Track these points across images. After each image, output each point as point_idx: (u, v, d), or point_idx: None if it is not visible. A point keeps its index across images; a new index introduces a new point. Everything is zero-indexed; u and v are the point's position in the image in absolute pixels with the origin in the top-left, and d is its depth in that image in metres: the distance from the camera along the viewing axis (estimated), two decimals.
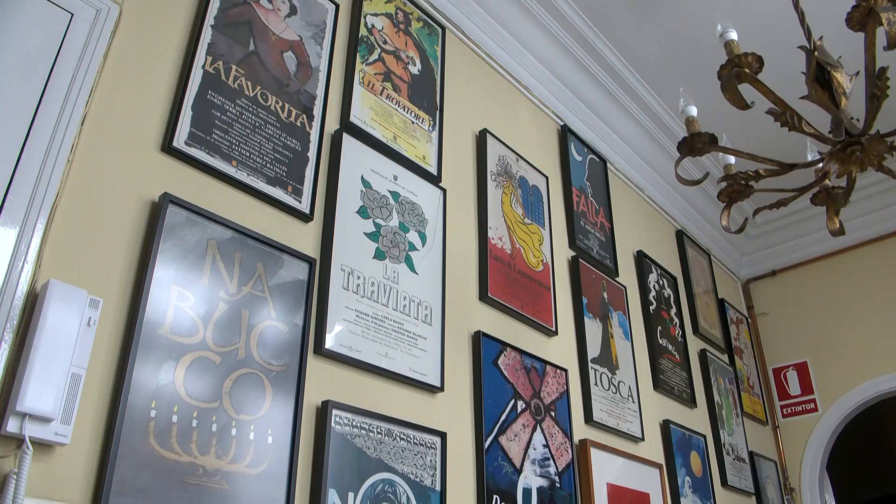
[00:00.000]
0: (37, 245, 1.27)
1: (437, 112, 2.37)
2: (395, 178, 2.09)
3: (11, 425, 1.13)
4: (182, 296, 1.44)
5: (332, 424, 1.61)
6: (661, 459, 2.97)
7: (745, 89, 1.77)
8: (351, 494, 1.59)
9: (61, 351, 1.20)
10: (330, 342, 1.69)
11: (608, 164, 3.44)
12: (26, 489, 1.11)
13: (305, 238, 1.78)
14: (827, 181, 2.15)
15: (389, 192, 2.05)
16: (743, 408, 4.07)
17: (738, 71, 1.76)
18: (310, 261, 1.72)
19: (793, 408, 4.50)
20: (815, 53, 1.83)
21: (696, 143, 1.96)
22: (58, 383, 1.18)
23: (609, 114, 3.46)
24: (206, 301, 1.48)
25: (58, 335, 1.20)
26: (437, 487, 1.81)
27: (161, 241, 1.44)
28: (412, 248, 2.05)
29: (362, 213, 1.93)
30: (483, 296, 2.27)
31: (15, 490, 1.09)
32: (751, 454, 3.94)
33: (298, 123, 1.85)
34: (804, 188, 2.13)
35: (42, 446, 1.17)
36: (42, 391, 1.16)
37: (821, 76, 1.84)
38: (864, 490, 6.59)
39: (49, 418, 1.16)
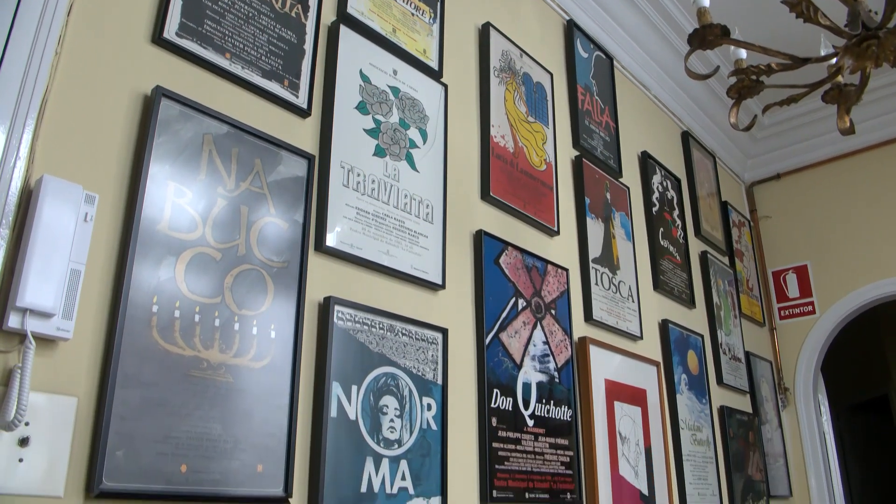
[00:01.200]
0: (28, 140, 1.24)
1: (438, 3, 2.27)
2: (395, 72, 2.02)
3: (13, 321, 1.13)
4: (179, 191, 1.42)
5: (335, 320, 1.62)
6: (658, 357, 3.03)
7: None
8: (354, 387, 1.62)
9: (59, 246, 1.19)
10: (331, 239, 1.69)
11: (615, 62, 3.34)
12: (31, 383, 1.13)
13: (303, 134, 1.75)
14: (840, 77, 2.08)
15: (389, 87, 1.99)
16: (741, 309, 4.11)
17: None
18: (308, 157, 1.69)
19: (790, 310, 4.55)
20: None
21: (707, 34, 1.89)
22: (57, 279, 1.18)
23: (616, 8, 3.32)
24: (204, 197, 1.46)
25: (55, 231, 1.19)
26: (439, 381, 1.85)
27: (155, 136, 1.40)
28: (413, 145, 2.01)
29: (361, 108, 1.88)
30: (485, 195, 2.25)
31: (20, 384, 1.10)
32: (747, 354, 4.01)
33: (293, 14, 1.77)
34: (816, 84, 2.07)
35: (45, 341, 1.18)
36: (42, 287, 1.15)
37: None
38: (856, 392, 6.78)
39: (50, 313, 1.16)
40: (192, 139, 1.47)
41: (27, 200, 1.22)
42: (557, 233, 2.53)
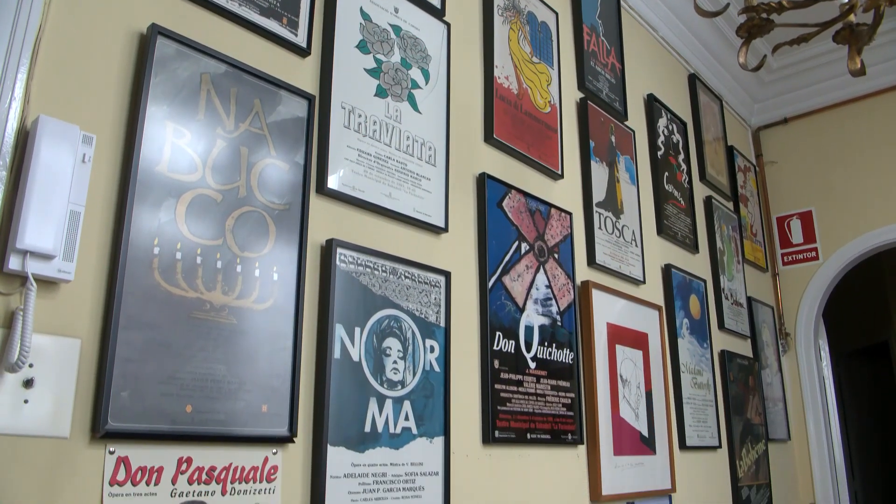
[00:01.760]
0: (23, 81, 1.21)
1: None
2: (396, 10, 1.97)
3: (13, 263, 1.12)
4: (178, 132, 1.39)
5: (337, 262, 1.61)
6: (660, 302, 3.04)
7: None
8: (357, 329, 1.63)
9: (57, 188, 1.18)
10: (332, 182, 1.67)
11: (621, 1, 3.26)
12: (34, 326, 1.12)
13: (303, 74, 1.71)
14: (852, 17, 2.02)
15: (390, 25, 1.94)
16: (744, 255, 4.11)
17: None
18: (308, 97, 1.66)
19: (794, 256, 4.55)
20: None
21: None
22: (57, 220, 1.17)
23: None
24: (203, 138, 1.44)
25: (52, 172, 1.17)
26: (442, 324, 1.85)
27: (152, 76, 1.37)
28: (415, 85, 1.97)
29: (362, 47, 1.84)
30: (488, 137, 2.22)
31: (23, 326, 1.10)
32: (749, 299, 4.02)
33: None
34: (827, 23, 2.02)
35: (46, 283, 1.17)
36: (41, 228, 1.14)
37: None
38: (857, 339, 6.82)
39: (51, 255, 1.15)
40: (190, 78, 1.44)
41: (24, 142, 1.20)
42: (561, 176, 2.51)
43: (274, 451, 1.43)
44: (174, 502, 1.26)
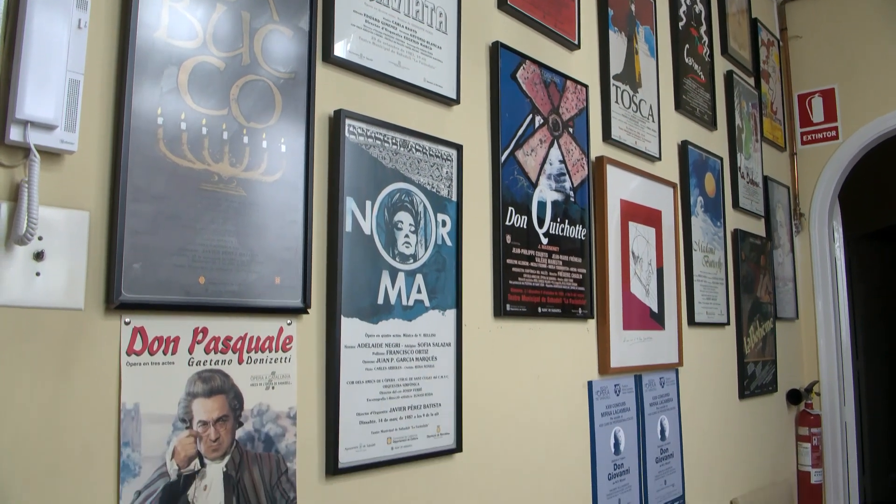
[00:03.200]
0: None
1: None
2: None
3: (14, 133, 1.09)
4: None
5: (346, 134, 1.57)
6: (676, 179, 2.99)
7: None
8: (368, 203, 1.61)
9: (54, 55, 1.13)
10: (339, 49, 1.60)
11: None
12: (41, 199, 1.11)
13: None
14: None
15: None
16: (763, 133, 4.01)
17: None
18: None
19: (813, 135, 4.45)
20: None
21: None
22: (56, 89, 1.12)
23: None
24: (202, 2, 1.36)
25: (48, 39, 1.12)
26: (454, 198, 1.82)
27: None
28: None
29: None
30: (502, 3, 2.11)
31: (29, 198, 1.08)
32: (765, 179, 3.96)
33: None
34: None
35: (49, 155, 1.15)
36: (41, 97, 1.10)
37: None
38: (870, 221, 6.77)
39: (52, 125, 1.11)
40: None
41: (15, 9, 1.14)
42: (578, 46, 2.40)
43: (288, 321, 1.45)
44: (192, 371, 1.29)
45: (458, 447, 1.78)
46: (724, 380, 3.29)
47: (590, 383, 2.34)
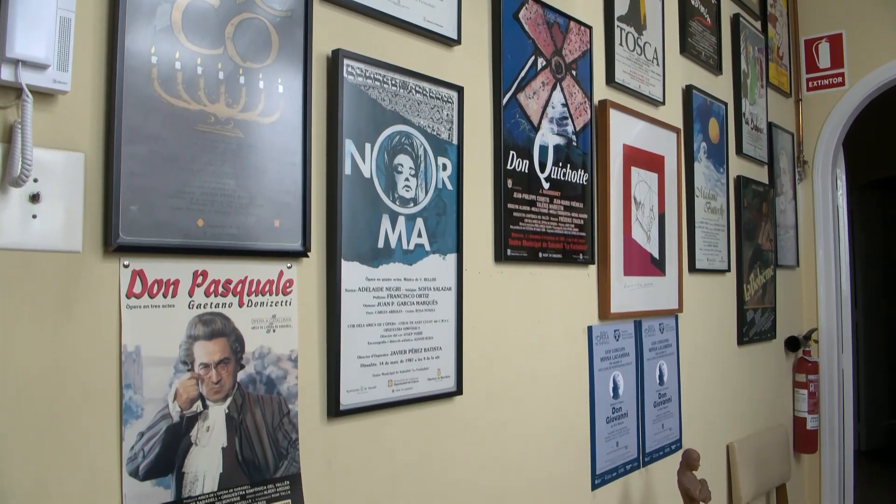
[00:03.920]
0: None
1: None
2: None
3: (5, 73, 1.06)
4: None
5: (345, 74, 1.54)
6: (679, 124, 2.95)
7: None
8: (368, 145, 1.58)
9: None
10: None
11: None
12: (35, 140, 1.09)
13: None
14: None
15: None
16: (768, 78, 3.95)
17: None
18: None
19: (819, 81, 4.38)
20: None
21: None
22: (47, 27, 1.09)
23: None
24: None
25: None
26: (455, 141, 1.80)
27: None
28: None
29: None
30: None
31: (22, 140, 1.06)
32: (769, 125, 3.92)
33: None
34: None
35: (42, 95, 1.12)
36: (31, 36, 1.07)
37: None
38: (873, 170, 6.72)
39: (44, 64, 1.08)
40: None
41: None
42: None
43: (289, 265, 1.44)
44: (192, 314, 1.29)
45: (459, 390, 1.79)
46: (723, 326, 3.31)
47: (589, 328, 2.34)
